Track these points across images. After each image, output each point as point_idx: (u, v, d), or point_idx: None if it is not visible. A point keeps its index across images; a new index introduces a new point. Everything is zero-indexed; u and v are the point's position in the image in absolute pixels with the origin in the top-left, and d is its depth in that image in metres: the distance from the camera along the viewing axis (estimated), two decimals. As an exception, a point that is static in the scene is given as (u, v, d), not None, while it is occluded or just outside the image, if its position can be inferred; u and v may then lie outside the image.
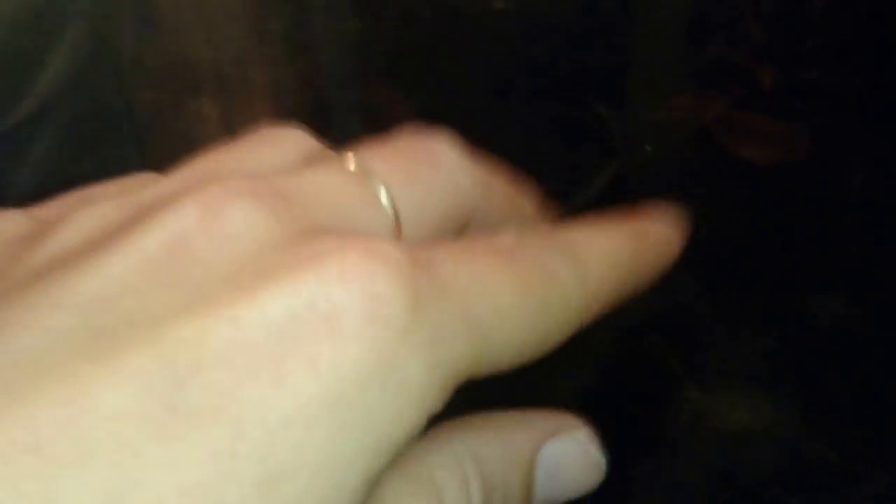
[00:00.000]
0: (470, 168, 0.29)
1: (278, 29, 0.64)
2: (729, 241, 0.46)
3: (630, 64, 0.58)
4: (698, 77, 0.57)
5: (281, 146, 0.28)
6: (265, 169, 0.27)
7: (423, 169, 0.28)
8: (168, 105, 0.59)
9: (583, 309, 0.27)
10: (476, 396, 0.25)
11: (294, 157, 0.28)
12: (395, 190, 0.27)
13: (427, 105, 0.56)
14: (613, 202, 0.49)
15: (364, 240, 0.23)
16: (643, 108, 0.56)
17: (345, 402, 0.21)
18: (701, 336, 0.42)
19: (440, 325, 0.23)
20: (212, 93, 0.57)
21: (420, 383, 0.22)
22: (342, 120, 0.57)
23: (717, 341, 0.41)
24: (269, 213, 0.24)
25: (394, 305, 0.22)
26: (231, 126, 0.56)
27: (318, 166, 0.27)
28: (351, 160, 0.27)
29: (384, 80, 0.59)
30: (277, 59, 0.62)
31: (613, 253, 0.30)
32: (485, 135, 0.53)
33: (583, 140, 0.52)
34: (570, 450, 0.29)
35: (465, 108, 0.55)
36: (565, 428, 0.29)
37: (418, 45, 0.61)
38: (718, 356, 0.41)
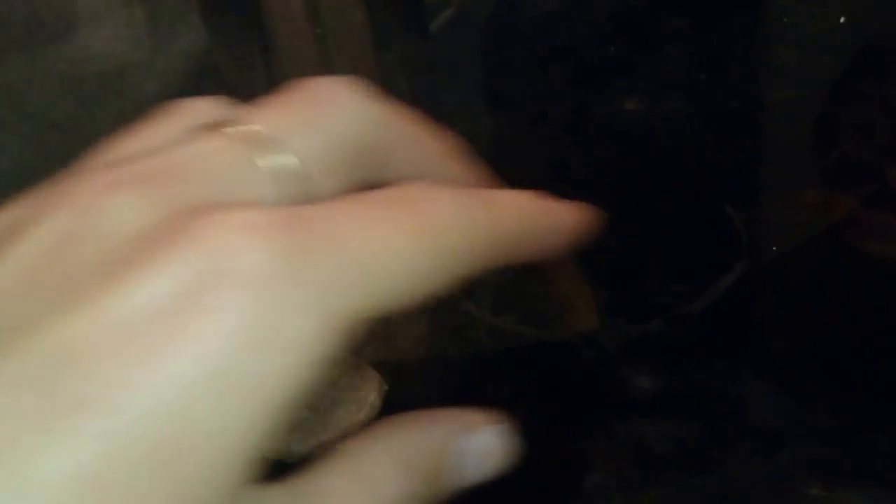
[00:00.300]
0: (372, 106, 0.29)
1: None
2: (853, 337, 0.46)
3: (759, 164, 0.59)
4: (826, 175, 0.57)
5: (177, 121, 0.29)
6: (154, 149, 0.27)
7: (321, 111, 0.28)
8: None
9: (485, 248, 0.27)
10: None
11: (187, 130, 0.28)
12: (293, 140, 0.27)
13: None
14: (741, 302, 0.50)
15: (232, 212, 0.23)
16: (771, 207, 0.56)
17: (227, 373, 0.22)
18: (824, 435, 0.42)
19: (323, 279, 0.23)
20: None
21: (306, 339, 0.23)
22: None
23: (839, 440, 0.41)
24: (144, 202, 0.24)
25: (264, 271, 0.22)
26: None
27: (206, 137, 0.27)
28: (243, 123, 0.27)
29: (514, 177, 0.60)
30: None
31: (523, 203, 0.29)
32: (613, 232, 0.54)
33: (710, 240, 0.53)
34: (488, 439, 0.29)
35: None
36: (484, 421, 0.30)
37: (550, 144, 0.62)
38: (841, 454, 0.41)
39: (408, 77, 0.72)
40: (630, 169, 0.58)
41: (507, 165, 0.61)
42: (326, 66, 0.72)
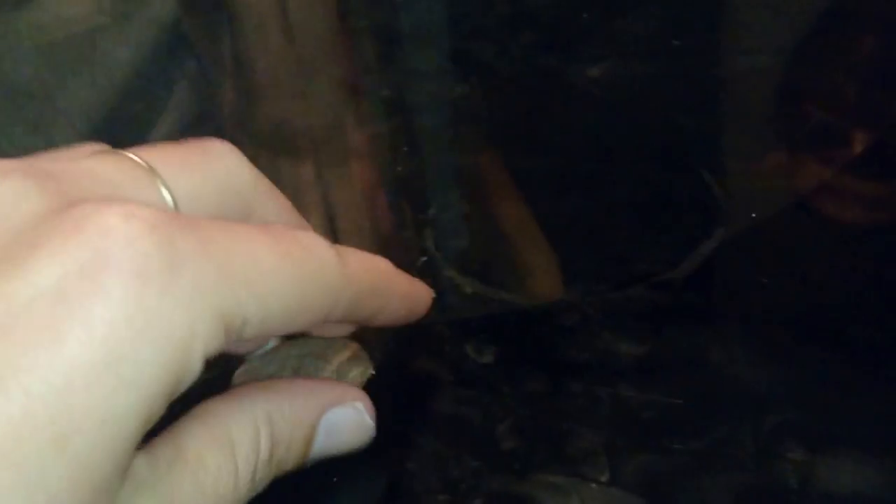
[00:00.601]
0: (244, 163, 0.33)
1: (379, 93, 0.65)
2: (836, 304, 0.46)
3: (736, 130, 0.59)
4: (797, 141, 0.58)
5: (72, 148, 0.31)
6: (55, 158, 0.29)
7: (197, 158, 0.31)
8: (266, 165, 0.60)
9: (342, 287, 0.30)
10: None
11: (80, 153, 0.30)
12: (170, 176, 0.30)
13: (527, 170, 0.57)
14: (723, 268, 0.50)
15: (123, 204, 0.25)
16: (748, 174, 0.56)
17: (119, 359, 0.23)
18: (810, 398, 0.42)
19: (202, 278, 0.25)
20: (309, 154, 0.59)
21: (186, 334, 0.24)
22: (439, 183, 0.58)
23: (823, 405, 0.42)
24: (38, 189, 0.26)
25: (153, 263, 0.24)
26: (327, 186, 0.57)
27: (98, 156, 0.29)
28: (129, 152, 0.30)
29: (483, 144, 0.60)
30: (375, 122, 0.63)
31: (373, 262, 0.34)
32: (587, 200, 0.54)
33: (689, 206, 0.53)
34: (348, 415, 0.33)
35: (567, 173, 0.56)
36: (347, 397, 0.33)
37: (520, 111, 0.62)
38: (825, 419, 0.41)
39: (376, 45, 0.71)
40: (607, 135, 0.58)
41: (475, 131, 0.61)
42: (290, 33, 0.72)
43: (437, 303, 0.43)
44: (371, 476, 0.37)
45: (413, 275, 0.40)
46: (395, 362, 0.43)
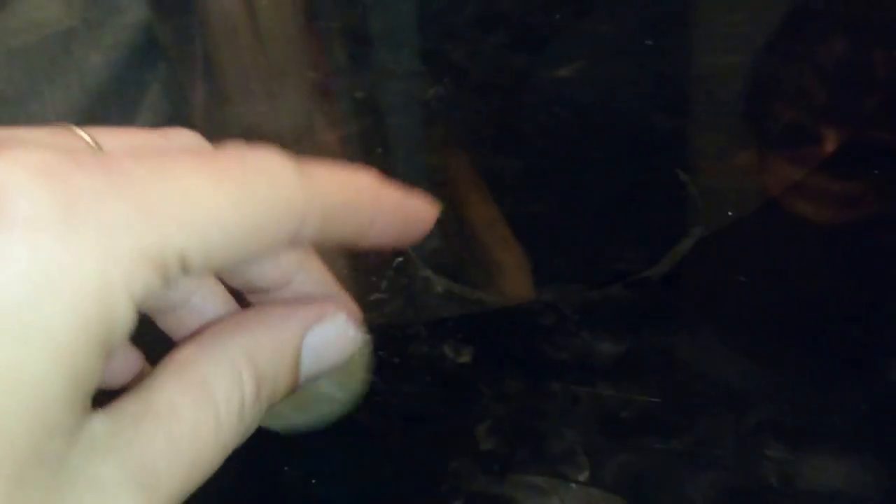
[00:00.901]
0: (206, 144, 0.30)
1: (352, 94, 0.65)
2: (811, 301, 0.46)
3: (698, 128, 0.59)
4: (768, 139, 0.58)
5: None
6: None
7: (154, 140, 0.29)
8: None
9: (304, 203, 0.26)
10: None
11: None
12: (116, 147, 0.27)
13: (501, 170, 0.57)
14: (700, 266, 0.50)
15: (24, 150, 0.23)
16: (717, 173, 0.56)
17: (18, 320, 0.21)
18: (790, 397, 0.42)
19: (112, 219, 0.22)
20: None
21: (99, 281, 0.22)
22: (413, 183, 0.58)
23: (802, 403, 0.42)
24: None
25: (45, 210, 0.22)
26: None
27: (42, 127, 0.27)
28: (82, 130, 0.27)
29: (457, 144, 0.60)
30: (348, 123, 0.63)
31: (347, 175, 0.28)
32: (563, 200, 0.54)
33: (666, 205, 0.53)
34: (332, 331, 0.30)
35: (542, 173, 0.56)
36: (328, 313, 0.30)
37: (493, 111, 0.62)
38: (803, 418, 0.41)
39: (348, 46, 0.71)
40: (581, 135, 0.58)
41: (454, 133, 0.61)
42: (261, 36, 0.71)
43: (413, 302, 0.42)
44: (350, 478, 0.36)
45: (389, 275, 0.39)
46: (372, 363, 0.43)
